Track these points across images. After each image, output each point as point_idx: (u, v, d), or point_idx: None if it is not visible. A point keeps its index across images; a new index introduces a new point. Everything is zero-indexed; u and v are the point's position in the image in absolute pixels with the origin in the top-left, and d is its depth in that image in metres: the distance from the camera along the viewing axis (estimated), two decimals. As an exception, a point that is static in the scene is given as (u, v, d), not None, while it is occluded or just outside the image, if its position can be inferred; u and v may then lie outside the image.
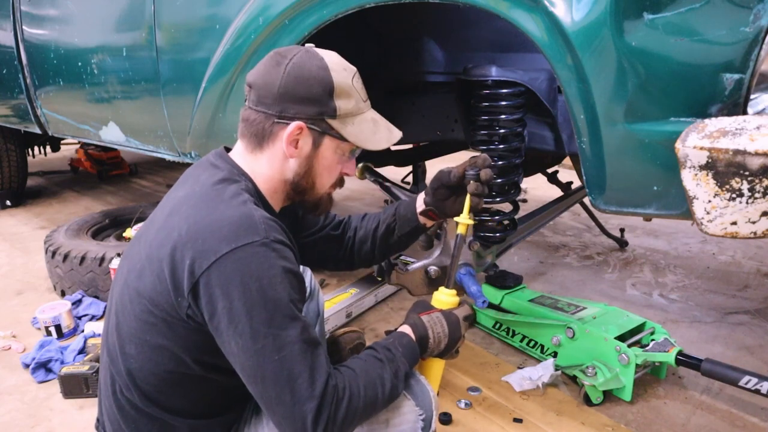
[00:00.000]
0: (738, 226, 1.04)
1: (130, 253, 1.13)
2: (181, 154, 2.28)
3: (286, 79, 1.06)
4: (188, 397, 1.08)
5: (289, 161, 1.11)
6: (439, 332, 1.19)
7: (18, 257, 3.23)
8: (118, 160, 5.17)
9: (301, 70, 1.06)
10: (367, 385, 1.01)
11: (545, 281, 2.73)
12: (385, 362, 1.07)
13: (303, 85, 1.06)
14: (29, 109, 3.15)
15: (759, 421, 1.71)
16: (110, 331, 1.11)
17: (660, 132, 1.16)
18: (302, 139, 1.09)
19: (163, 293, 0.99)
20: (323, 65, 1.08)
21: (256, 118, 1.09)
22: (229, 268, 0.93)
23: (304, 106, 1.07)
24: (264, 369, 0.93)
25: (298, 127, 1.07)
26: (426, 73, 2.08)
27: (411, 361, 1.14)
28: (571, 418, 1.72)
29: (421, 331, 1.18)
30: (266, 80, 1.07)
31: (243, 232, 0.95)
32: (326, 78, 1.07)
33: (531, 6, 1.25)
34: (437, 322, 1.20)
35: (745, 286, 2.62)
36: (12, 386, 1.99)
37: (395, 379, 1.07)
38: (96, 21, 2.47)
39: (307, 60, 1.08)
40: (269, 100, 1.07)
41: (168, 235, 1.00)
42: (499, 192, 1.86)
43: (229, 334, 0.94)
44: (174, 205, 1.07)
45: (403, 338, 1.15)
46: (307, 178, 1.14)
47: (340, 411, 0.95)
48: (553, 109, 1.71)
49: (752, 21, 1.09)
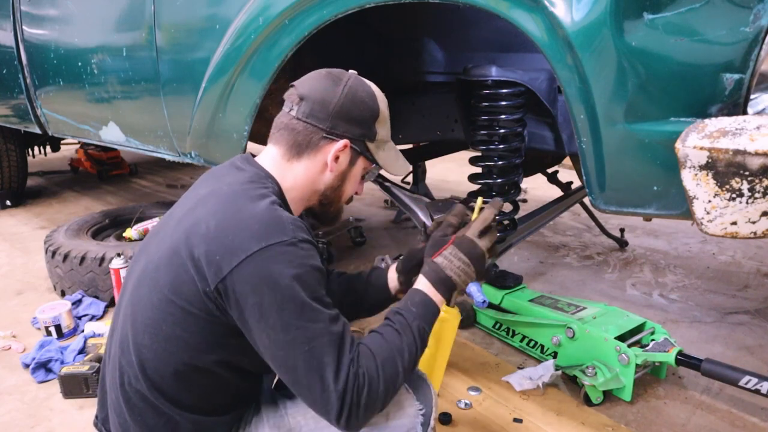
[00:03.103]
0: (738, 226, 1.05)
1: (147, 248, 1.16)
2: (181, 154, 2.28)
3: (344, 99, 1.15)
4: (195, 393, 1.10)
5: (325, 174, 1.19)
6: (458, 265, 1.18)
7: (18, 257, 3.23)
8: (118, 160, 5.17)
9: (357, 95, 1.17)
10: (384, 364, 1.03)
11: (545, 281, 2.73)
12: (400, 331, 1.08)
13: (357, 108, 1.17)
14: (29, 109, 3.15)
15: (759, 421, 1.71)
16: (123, 322, 1.12)
17: (660, 132, 1.16)
18: (343, 156, 1.18)
19: (187, 283, 1.02)
20: (372, 93, 1.20)
21: (304, 129, 1.16)
22: (259, 266, 0.97)
23: (353, 126, 1.17)
24: (295, 359, 0.98)
25: (345, 144, 1.17)
26: (426, 73, 2.09)
27: (429, 315, 1.14)
28: (571, 418, 1.72)
29: (440, 274, 1.17)
30: (324, 96, 1.15)
31: (272, 232, 1.00)
32: (375, 106, 1.19)
33: (531, 6, 1.25)
34: (453, 257, 1.18)
35: (745, 286, 2.62)
36: (12, 386, 1.99)
37: (414, 343, 1.08)
38: (96, 21, 2.47)
39: (360, 85, 1.19)
40: (323, 114, 1.15)
41: (193, 228, 1.04)
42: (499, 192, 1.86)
43: (260, 327, 0.99)
44: (197, 202, 1.11)
45: (415, 296, 1.15)
46: (337, 191, 1.23)
47: (362, 396, 0.99)
48: (553, 109, 1.71)
49: (752, 21, 1.09)
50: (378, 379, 1.01)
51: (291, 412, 1.16)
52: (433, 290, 1.16)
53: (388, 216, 3.80)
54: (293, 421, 1.14)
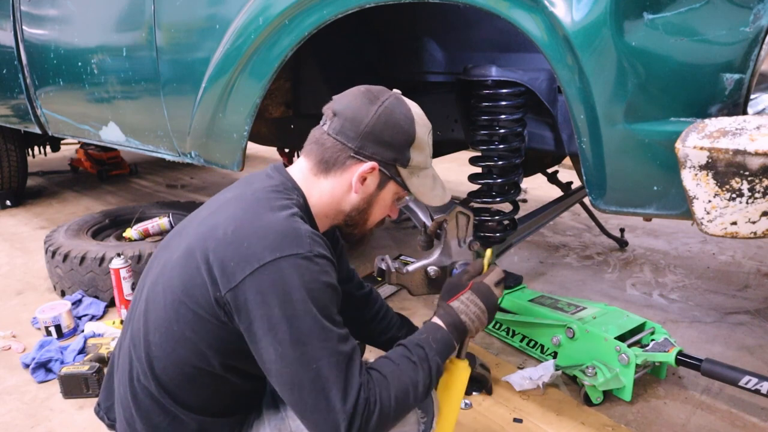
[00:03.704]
0: (738, 226, 1.05)
1: (169, 245, 1.16)
2: (181, 154, 2.28)
3: (376, 120, 1.10)
4: (202, 395, 1.09)
5: (351, 194, 1.15)
6: (474, 311, 1.18)
7: (18, 257, 3.23)
8: (118, 160, 5.17)
9: (391, 116, 1.11)
10: (398, 393, 1.01)
11: (545, 281, 2.73)
12: (417, 364, 1.06)
13: (390, 130, 1.11)
14: (29, 109, 3.15)
15: (759, 421, 1.71)
16: (137, 316, 1.13)
17: (660, 132, 1.16)
18: (370, 178, 1.14)
19: (199, 286, 1.01)
20: (410, 116, 1.13)
21: (332, 146, 1.13)
22: (271, 276, 0.95)
23: (384, 149, 1.12)
24: (301, 378, 0.95)
25: (372, 167, 1.12)
26: (426, 73, 2.08)
27: (445, 356, 1.13)
28: (571, 418, 1.72)
29: (455, 318, 1.16)
30: (356, 114, 1.11)
31: (288, 243, 0.98)
32: (410, 130, 1.13)
33: (531, 6, 1.25)
34: (470, 302, 1.19)
35: (745, 286, 2.62)
36: (12, 386, 1.99)
37: (428, 379, 1.06)
38: (96, 21, 2.47)
39: (397, 106, 1.13)
40: (353, 133, 1.11)
41: (211, 231, 1.03)
42: (499, 192, 1.86)
43: (267, 341, 0.96)
44: (221, 205, 1.10)
45: (438, 332, 1.14)
46: (363, 214, 1.19)
47: (371, 423, 0.97)
48: (553, 109, 1.71)
49: (752, 21, 1.09)
50: (389, 408, 0.99)
51: (291, 414, 1.16)
52: (449, 334, 1.15)
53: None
54: (294, 424, 1.14)
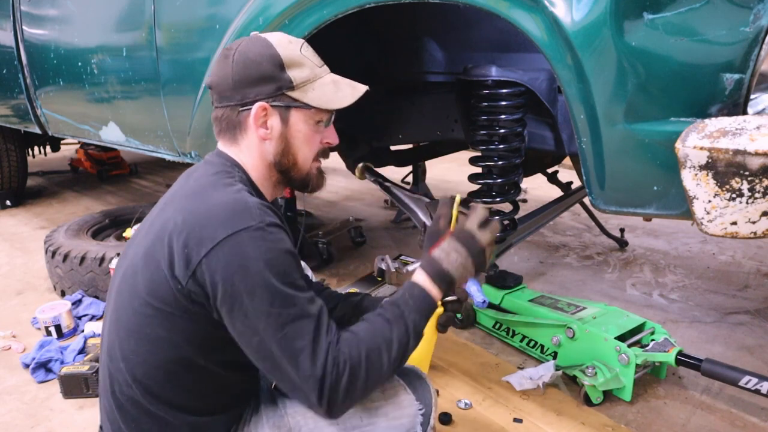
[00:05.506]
0: (738, 226, 1.05)
1: (127, 252, 1.16)
2: (181, 154, 2.28)
3: (235, 68, 1.10)
4: (189, 392, 1.09)
5: (265, 144, 1.14)
6: (456, 258, 1.13)
7: (18, 257, 3.23)
8: (118, 160, 5.17)
9: (247, 55, 1.10)
10: (370, 352, 1.00)
11: (545, 281, 2.73)
12: (392, 322, 1.04)
13: (252, 67, 1.10)
14: (29, 109, 3.15)
15: (759, 421, 1.71)
16: (109, 328, 1.12)
17: (660, 132, 1.16)
18: (270, 119, 1.12)
19: (162, 283, 1.01)
20: (267, 44, 1.11)
21: (223, 114, 1.14)
22: (227, 253, 0.96)
23: (261, 86, 1.10)
24: (270, 346, 0.97)
25: (261, 108, 1.10)
26: (426, 73, 2.08)
27: (425, 312, 1.10)
28: (571, 418, 1.72)
29: (436, 267, 1.11)
30: (220, 76, 1.12)
31: (238, 218, 0.98)
32: (273, 54, 1.10)
33: (531, 6, 1.25)
34: (451, 249, 1.14)
35: (745, 286, 2.62)
36: (12, 386, 1.99)
37: (405, 337, 1.04)
38: (96, 21, 2.47)
39: (251, 45, 1.12)
40: (228, 92, 1.11)
41: (163, 227, 1.03)
42: (499, 192, 1.86)
43: (234, 316, 0.98)
44: (167, 201, 1.11)
45: (414, 289, 1.11)
46: (287, 155, 1.16)
47: (341, 383, 0.97)
48: (553, 109, 1.71)
49: (752, 21, 1.09)
50: (360, 368, 0.99)
51: (290, 411, 1.15)
52: (431, 284, 1.11)
53: (388, 216, 3.79)
54: (293, 421, 1.14)
